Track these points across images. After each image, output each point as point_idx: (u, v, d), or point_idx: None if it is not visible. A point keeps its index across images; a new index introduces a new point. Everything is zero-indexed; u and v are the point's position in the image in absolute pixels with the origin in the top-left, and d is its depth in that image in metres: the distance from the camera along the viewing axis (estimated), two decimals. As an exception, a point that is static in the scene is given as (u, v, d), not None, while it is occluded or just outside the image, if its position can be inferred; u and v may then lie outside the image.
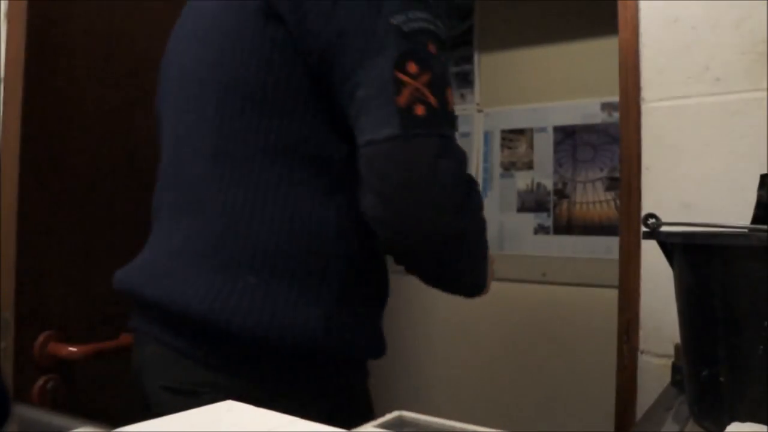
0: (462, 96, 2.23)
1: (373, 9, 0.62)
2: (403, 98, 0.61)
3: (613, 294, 1.16)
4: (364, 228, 0.68)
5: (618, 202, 1.78)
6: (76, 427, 0.24)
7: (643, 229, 0.73)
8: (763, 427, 0.57)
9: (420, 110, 0.62)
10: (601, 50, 1.96)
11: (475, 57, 2.22)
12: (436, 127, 0.63)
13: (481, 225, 0.73)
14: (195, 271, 0.65)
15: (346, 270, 0.69)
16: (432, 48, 0.64)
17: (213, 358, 0.66)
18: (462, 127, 2.22)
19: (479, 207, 0.71)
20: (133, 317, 0.77)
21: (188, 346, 0.67)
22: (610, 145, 2.00)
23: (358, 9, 0.62)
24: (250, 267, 0.64)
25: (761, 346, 0.59)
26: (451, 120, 0.66)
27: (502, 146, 2.19)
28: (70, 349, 1.01)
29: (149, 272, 0.71)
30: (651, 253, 1.04)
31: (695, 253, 0.66)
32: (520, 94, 2.14)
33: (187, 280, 0.65)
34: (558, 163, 2.10)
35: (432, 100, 0.63)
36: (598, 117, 2.02)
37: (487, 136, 2.22)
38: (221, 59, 0.67)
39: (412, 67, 0.62)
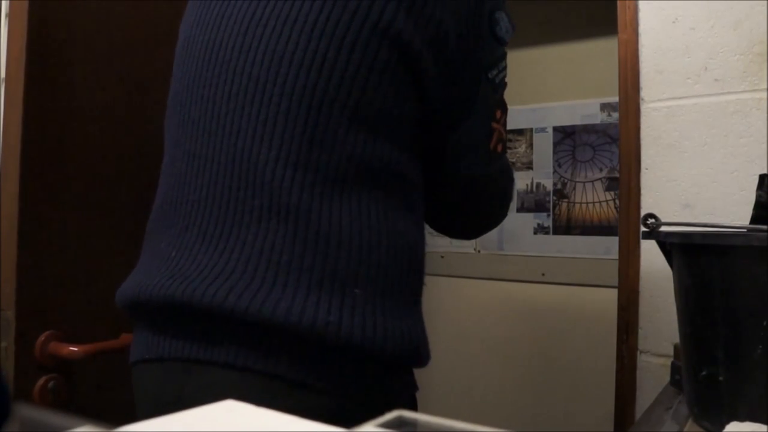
0: (462, 96, 2.23)
1: (478, 63, 0.69)
2: (492, 143, 0.73)
3: (612, 294, 1.17)
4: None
5: (617, 202, 1.78)
6: (77, 427, 0.24)
7: (643, 229, 0.73)
8: (762, 427, 0.58)
9: (500, 148, 0.74)
10: (601, 51, 1.97)
11: (475, 57, 2.22)
12: (504, 155, 0.77)
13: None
14: (296, 282, 0.60)
15: (422, 286, 0.72)
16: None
17: (315, 376, 0.61)
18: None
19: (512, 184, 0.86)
20: (161, 340, 0.66)
21: (287, 369, 0.61)
22: (610, 145, 2.00)
23: (469, 61, 0.68)
24: (355, 281, 0.62)
25: (760, 346, 0.59)
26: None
27: (502, 146, 2.20)
28: (71, 348, 1.01)
29: (226, 279, 0.61)
30: (650, 253, 1.04)
31: (694, 253, 0.67)
32: (519, 95, 2.14)
33: (290, 293, 0.60)
34: (557, 164, 2.10)
35: (505, 135, 0.75)
36: (598, 117, 2.03)
37: (487, 137, 2.22)
38: (328, 70, 0.63)
39: (498, 113, 0.73)
